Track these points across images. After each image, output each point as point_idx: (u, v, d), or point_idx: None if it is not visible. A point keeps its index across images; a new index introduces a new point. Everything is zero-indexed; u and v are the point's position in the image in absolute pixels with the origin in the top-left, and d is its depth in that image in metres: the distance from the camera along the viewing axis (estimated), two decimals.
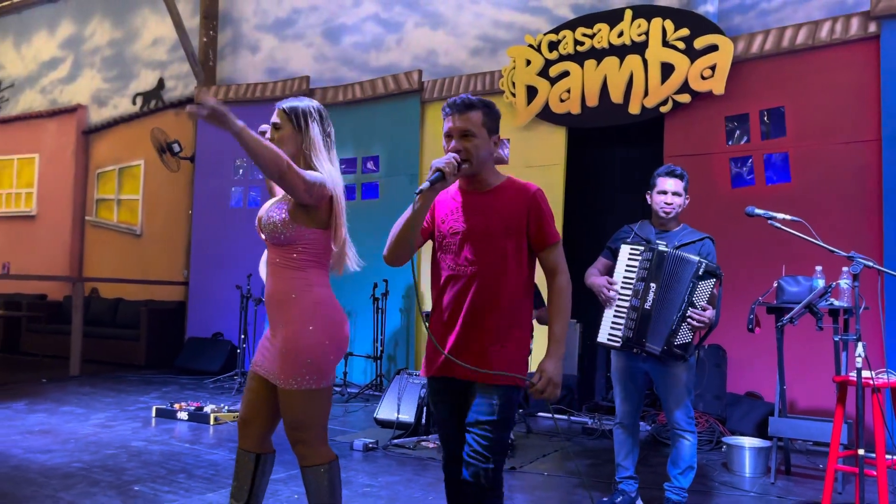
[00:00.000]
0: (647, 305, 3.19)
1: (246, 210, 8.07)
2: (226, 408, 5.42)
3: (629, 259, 3.29)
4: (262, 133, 2.53)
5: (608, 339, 3.28)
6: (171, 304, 8.77)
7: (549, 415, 5.84)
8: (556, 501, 3.67)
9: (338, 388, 6.85)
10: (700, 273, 3.13)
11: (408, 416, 4.94)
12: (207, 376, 7.45)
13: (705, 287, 3.13)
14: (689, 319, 3.11)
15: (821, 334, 3.90)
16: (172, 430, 4.98)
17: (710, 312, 3.12)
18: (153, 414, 5.40)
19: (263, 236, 2.45)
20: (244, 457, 2.47)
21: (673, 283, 3.17)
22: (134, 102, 9.90)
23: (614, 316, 3.27)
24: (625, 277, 3.29)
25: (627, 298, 3.26)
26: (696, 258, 3.16)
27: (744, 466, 4.21)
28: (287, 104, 2.48)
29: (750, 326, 4.03)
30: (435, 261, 2.33)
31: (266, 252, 4.90)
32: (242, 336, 7.02)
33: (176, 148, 8.76)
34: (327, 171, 2.38)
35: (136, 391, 6.62)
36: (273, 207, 2.42)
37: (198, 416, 5.23)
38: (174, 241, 9.01)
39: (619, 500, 3.43)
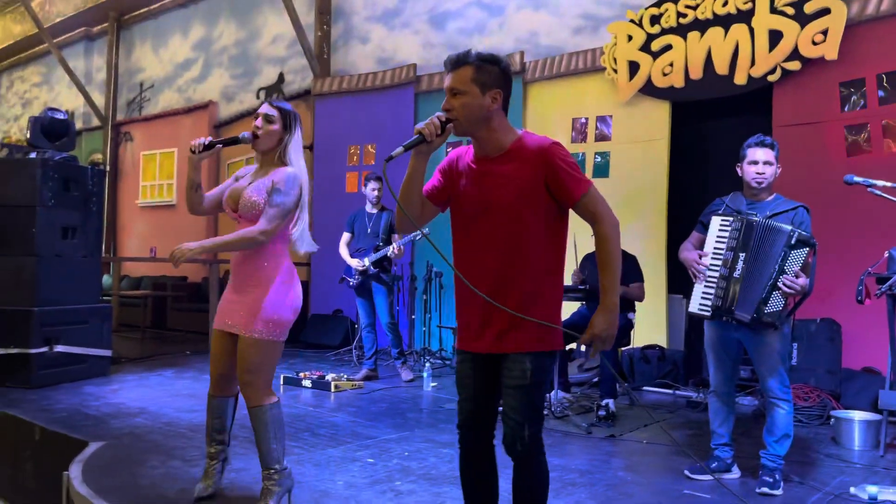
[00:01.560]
0: (737, 274, 3.25)
1: (359, 194, 8.53)
2: (345, 377, 5.87)
3: (720, 230, 3.35)
4: (246, 138, 2.90)
5: (699, 309, 3.36)
6: None
7: (654, 389, 5.90)
8: (652, 466, 3.80)
9: (448, 361, 7.18)
10: (793, 242, 3.15)
11: None
12: (329, 350, 8.01)
13: (798, 256, 3.15)
14: (781, 287, 3.14)
15: None
16: (298, 396, 5.47)
17: (802, 280, 3.14)
18: (281, 382, 5.92)
19: (234, 213, 2.88)
20: (223, 402, 2.99)
21: (763, 252, 3.21)
22: (258, 97, 10.62)
23: (705, 286, 3.35)
24: (715, 248, 3.35)
25: (717, 268, 3.32)
26: (789, 227, 3.18)
27: (852, 440, 4.14)
28: (280, 104, 2.91)
29: (859, 298, 3.95)
30: (455, 231, 2.28)
31: (344, 236, 5.53)
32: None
33: None
34: (300, 166, 2.89)
35: None
36: (253, 190, 2.83)
37: (320, 384, 5.71)
38: None
39: (713, 465, 3.52)
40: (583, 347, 5.93)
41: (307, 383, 5.78)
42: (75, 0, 12.76)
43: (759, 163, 3.34)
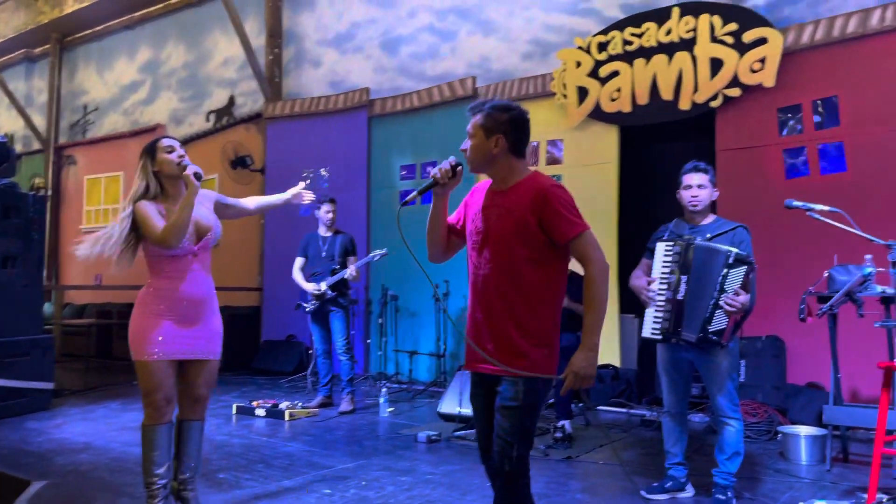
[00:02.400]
0: (680, 296, 3.35)
1: (313, 219, 8.45)
2: (300, 405, 5.78)
3: (664, 255, 3.45)
4: (197, 174, 3.00)
5: (651, 334, 3.44)
6: (247, 310, 9.27)
7: (609, 408, 5.97)
8: (609, 488, 3.83)
9: (404, 386, 7.15)
10: (730, 261, 3.26)
11: (469, 410, 5.14)
12: (282, 376, 7.88)
13: (737, 275, 3.26)
14: (723, 305, 3.24)
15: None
16: (251, 426, 5.36)
17: (743, 297, 3.24)
18: (234, 411, 5.80)
19: (195, 246, 2.99)
20: (167, 429, 3.02)
21: (704, 273, 3.32)
22: (207, 120, 10.49)
23: (655, 310, 3.43)
24: (661, 273, 3.44)
25: (664, 292, 3.41)
26: (726, 248, 3.29)
27: (799, 454, 4.26)
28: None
29: (801, 316, 4.10)
30: (467, 257, 2.45)
31: (297, 261, 5.49)
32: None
33: (248, 161, 9.29)
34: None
35: (217, 391, 7.07)
36: (214, 223, 3.07)
37: (274, 413, 5.61)
38: (249, 250, 9.51)
39: (668, 485, 3.58)
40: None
41: (260, 412, 5.67)
42: (15, 21, 12.44)
43: (692, 187, 3.49)
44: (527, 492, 2.31)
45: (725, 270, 3.27)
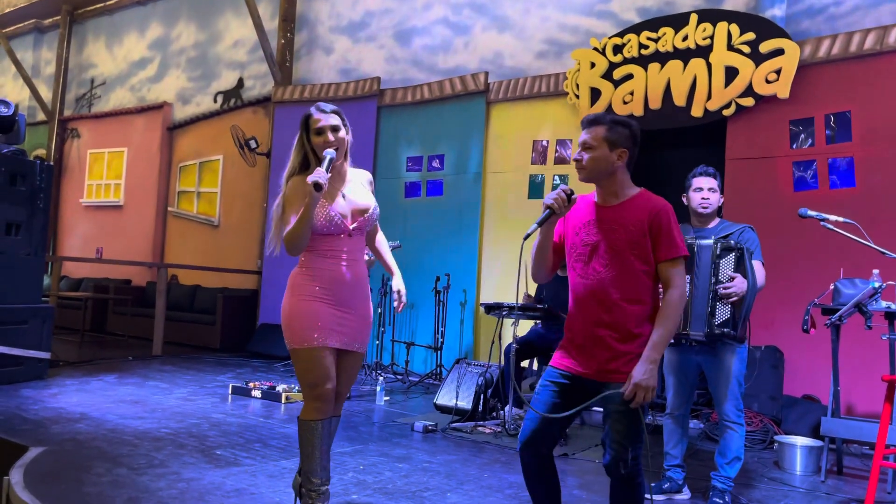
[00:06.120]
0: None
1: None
2: (296, 388, 5.77)
3: None
4: (333, 158, 2.71)
5: None
6: (245, 292, 9.26)
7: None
8: (603, 485, 3.83)
9: (399, 377, 7.15)
10: (718, 252, 3.29)
11: (466, 402, 5.17)
12: (278, 360, 7.87)
13: (727, 264, 3.30)
14: (720, 294, 3.25)
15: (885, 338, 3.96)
16: (247, 406, 5.36)
17: (738, 280, 3.26)
18: (230, 391, 5.79)
19: (352, 226, 2.79)
20: (320, 426, 2.70)
21: (698, 271, 3.36)
22: (215, 100, 10.46)
23: None
24: None
25: None
26: (712, 241, 3.32)
27: (795, 465, 4.28)
28: (332, 107, 2.78)
29: (805, 327, 4.11)
30: (569, 269, 2.48)
31: None
32: None
33: (253, 144, 9.26)
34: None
35: (212, 371, 7.08)
36: (372, 203, 2.85)
37: (271, 395, 5.60)
38: (249, 232, 9.50)
39: (666, 486, 3.59)
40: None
41: (257, 394, 5.67)
42: None
43: (703, 189, 3.52)
44: (642, 491, 2.36)
45: (715, 262, 3.31)
